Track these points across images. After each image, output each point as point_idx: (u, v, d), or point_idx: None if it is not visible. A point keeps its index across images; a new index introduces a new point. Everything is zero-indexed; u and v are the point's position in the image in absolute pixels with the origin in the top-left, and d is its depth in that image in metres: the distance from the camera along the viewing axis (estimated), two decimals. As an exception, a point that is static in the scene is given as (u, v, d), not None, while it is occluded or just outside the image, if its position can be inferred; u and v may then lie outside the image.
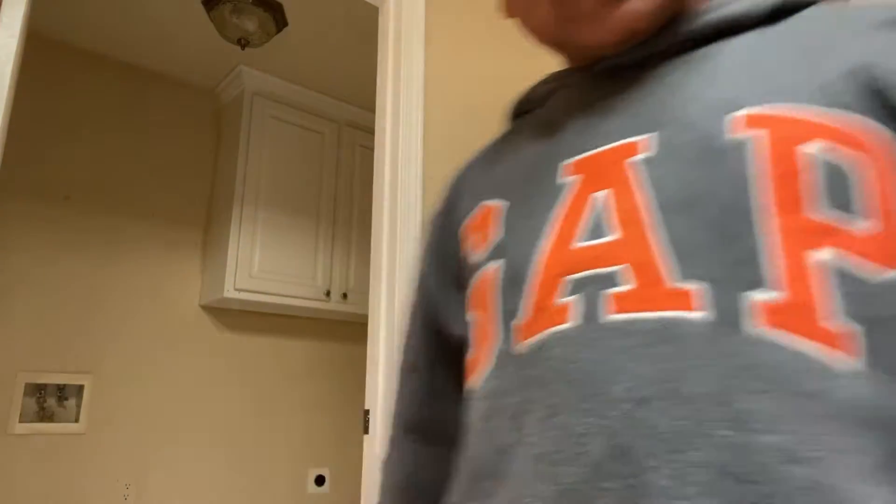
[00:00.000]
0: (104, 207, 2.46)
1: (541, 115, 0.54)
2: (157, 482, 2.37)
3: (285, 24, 2.31)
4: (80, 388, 2.27)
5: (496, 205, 0.50)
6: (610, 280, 0.39)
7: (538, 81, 0.58)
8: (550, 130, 0.50)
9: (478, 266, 0.49)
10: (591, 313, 0.38)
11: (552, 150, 0.48)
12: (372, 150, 2.92)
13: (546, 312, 0.41)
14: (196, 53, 2.56)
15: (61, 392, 2.24)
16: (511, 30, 1.94)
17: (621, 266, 0.39)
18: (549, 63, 0.59)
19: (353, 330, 3.00)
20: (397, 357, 0.63)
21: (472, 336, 0.49)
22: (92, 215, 2.42)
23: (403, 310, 1.45)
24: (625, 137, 0.43)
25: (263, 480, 2.61)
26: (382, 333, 1.46)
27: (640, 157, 0.41)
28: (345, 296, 2.72)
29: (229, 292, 2.40)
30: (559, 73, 0.55)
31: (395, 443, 0.60)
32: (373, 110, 1.73)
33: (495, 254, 0.47)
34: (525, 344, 0.41)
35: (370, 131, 2.97)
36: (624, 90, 0.47)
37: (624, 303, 0.38)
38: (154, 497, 2.35)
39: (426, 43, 1.70)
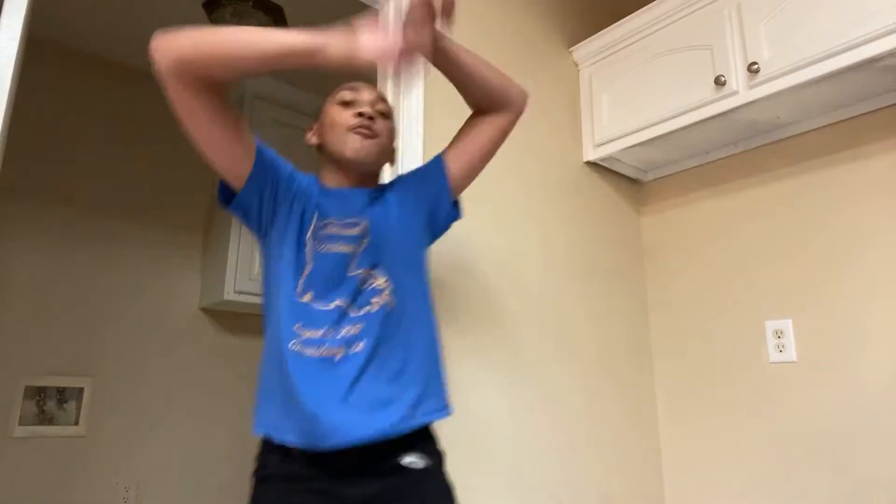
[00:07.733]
0: (104, 210, 2.46)
1: None
2: (157, 484, 2.36)
3: (285, 26, 2.32)
4: (80, 390, 2.27)
5: None
6: None
7: None
8: None
9: None
10: None
11: None
12: (372, 152, 2.92)
13: None
14: (196, 56, 2.56)
15: (61, 395, 2.24)
16: (509, 30, 1.94)
17: None
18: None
19: (353, 332, 3.00)
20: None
21: None
22: (92, 218, 2.42)
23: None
24: None
25: (263, 483, 2.61)
26: (382, 336, 1.45)
27: None
28: (345, 298, 2.71)
29: (229, 295, 2.40)
30: None
31: None
32: (373, 113, 1.73)
33: None
34: None
35: (370, 134, 2.96)
36: None
37: None
38: (153, 499, 2.34)
39: (426, 46, 1.70)
